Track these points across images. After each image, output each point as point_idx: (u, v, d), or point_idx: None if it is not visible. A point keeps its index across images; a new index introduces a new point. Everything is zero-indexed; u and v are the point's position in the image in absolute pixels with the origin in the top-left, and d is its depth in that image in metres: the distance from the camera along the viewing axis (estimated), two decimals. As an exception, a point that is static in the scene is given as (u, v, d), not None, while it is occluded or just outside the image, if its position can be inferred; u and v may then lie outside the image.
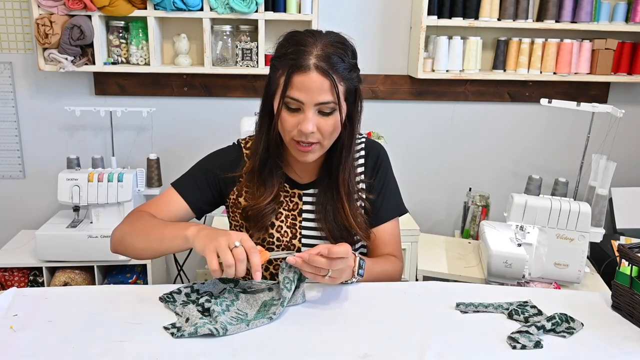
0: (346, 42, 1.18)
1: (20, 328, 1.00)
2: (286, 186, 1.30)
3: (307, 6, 2.35)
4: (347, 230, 1.27)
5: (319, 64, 1.11)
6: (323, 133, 1.16)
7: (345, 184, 1.26)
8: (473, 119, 2.72)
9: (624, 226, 2.60)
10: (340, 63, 1.13)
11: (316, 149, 1.18)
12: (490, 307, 1.12)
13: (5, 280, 2.35)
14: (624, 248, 1.15)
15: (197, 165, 1.34)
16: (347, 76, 1.15)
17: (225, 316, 1.04)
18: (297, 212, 1.30)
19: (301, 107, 1.14)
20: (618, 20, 2.49)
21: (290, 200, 1.30)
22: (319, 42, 1.13)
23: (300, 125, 1.14)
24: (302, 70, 1.11)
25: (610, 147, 2.29)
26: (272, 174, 1.27)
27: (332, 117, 1.15)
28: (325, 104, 1.13)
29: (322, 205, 1.28)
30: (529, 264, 1.88)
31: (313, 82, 1.11)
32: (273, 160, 1.26)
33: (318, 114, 1.14)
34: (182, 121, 2.62)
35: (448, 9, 2.42)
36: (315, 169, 1.31)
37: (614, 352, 1.00)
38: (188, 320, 1.02)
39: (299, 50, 1.12)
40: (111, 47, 2.43)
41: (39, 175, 2.63)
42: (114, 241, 1.25)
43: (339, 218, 1.26)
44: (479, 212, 2.58)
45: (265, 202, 1.26)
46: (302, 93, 1.12)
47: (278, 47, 1.18)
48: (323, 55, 1.11)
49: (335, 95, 1.13)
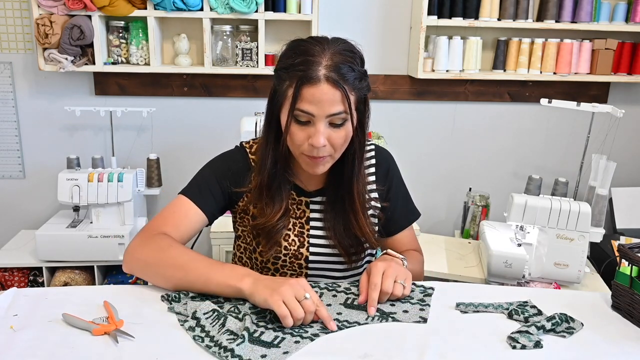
0: (354, 49, 1.14)
1: (20, 328, 1.00)
2: (293, 194, 1.27)
3: (307, 6, 2.35)
4: (357, 239, 1.26)
5: (329, 75, 1.07)
6: (334, 145, 1.13)
7: (360, 196, 1.23)
8: (473, 119, 2.72)
9: (624, 226, 2.60)
10: (350, 72, 1.09)
11: (327, 160, 1.16)
12: (490, 307, 1.12)
13: (5, 280, 2.35)
14: (624, 248, 1.15)
15: (205, 171, 1.28)
16: (357, 85, 1.12)
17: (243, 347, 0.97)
18: (304, 220, 1.27)
19: (312, 119, 1.10)
20: (618, 20, 2.49)
21: (297, 208, 1.27)
22: (327, 51, 1.09)
23: (311, 139, 1.11)
24: (312, 82, 1.07)
25: (610, 147, 2.29)
26: (280, 188, 1.23)
27: (343, 128, 1.12)
28: (337, 115, 1.09)
29: (331, 216, 1.26)
30: (529, 264, 1.88)
31: (324, 93, 1.07)
32: (281, 175, 1.22)
33: (329, 126, 1.11)
34: (182, 121, 2.62)
35: (448, 9, 2.42)
36: (322, 176, 1.27)
37: (614, 352, 1.00)
38: (199, 321, 1.02)
39: (307, 61, 1.08)
40: (111, 47, 2.43)
41: (39, 175, 2.63)
42: (133, 266, 1.16)
43: (350, 229, 1.24)
44: (479, 212, 2.58)
45: (276, 218, 1.22)
46: (312, 106, 1.08)
47: (283, 57, 1.14)
48: (332, 65, 1.08)
49: (346, 105, 1.09)
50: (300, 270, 1.28)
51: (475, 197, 2.61)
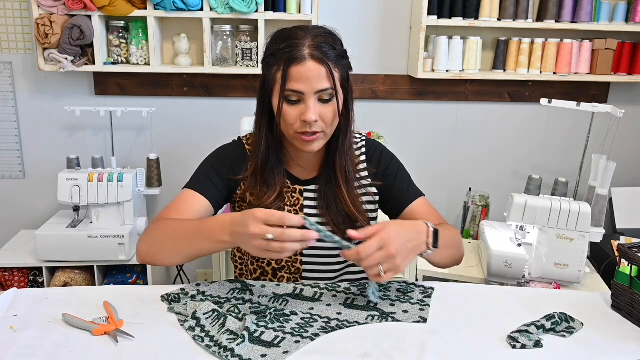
0: (333, 32, 1.23)
1: (20, 328, 1.00)
2: (287, 182, 1.32)
3: (307, 6, 2.36)
4: (349, 217, 1.28)
5: (313, 53, 1.14)
6: (325, 121, 1.19)
7: (342, 170, 1.28)
8: (473, 119, 2.72)
9: (624, 226, 2.60)
10: (332, 51, 1.17)
11: (320, 137, 1.21)
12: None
13: (5, 280, 2.35)
14: (624, 248, 1.15)
15: (206, 163, 1.34)
16: (340, 62, 1.19)
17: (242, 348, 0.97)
18: (298, 208, 1.31)
19: (302, 98, 1.16)
20: (618, 20, 2.49)
21: (291, 195, 1.31)
22: (309, 34, 1.17)
23: (303, 115, 1.16)
24: (298, 61, 1.14)
25: (610, 147, 2.29)
26: (274, 171, 1.28)
27: (332, 104, 1.19)
28: (325, 91, 1.16)
29: (324, 194, 1.30)
30: (529, 264, 1.88)
31: (310, 70, 1.14)
32: (274, 158, 1.28)
33: (318, 102, 1.17)
34: (182, 121, 2.62)
35: (448, 9, 2.42)
36: (317, 164, 1.32)
37: (614, 352, 1.00)
38: (199, 321, 1.02)
39: (292, 44, 1.15)
40: (111, 47, 2.43)
41: (39, 175, 2.63)
42: (142, 252, 1.21)
43: (340, 205, 1.28)
44: (479, 212, 2.58)
45: (270, 200, 1.27)
46: (301, 84, 1.15)
47: (269, 45, 1.22)
48: (315, 44, 1.15)
49: (332, 81, 1.16)
50: (295, 257, 1.31)
51: (475, 197, 2.61)
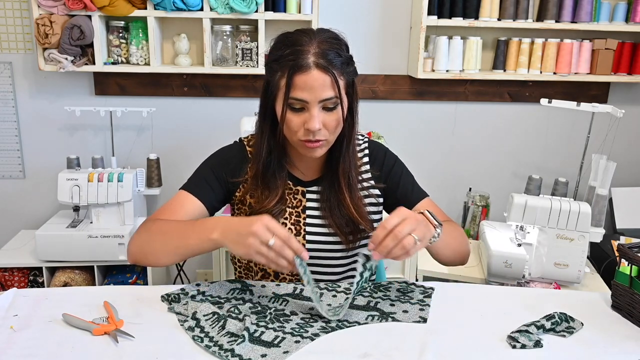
0: (339, 37, 1.21)
1: (20, 328, 1.00)
2: (289, 184, 1.31)
3: (307, 6, 2.35)
4: (352, 221, 1.28)
5: (318, 62, 1.13)
6: (329, 129, 1.18)
7: (345, 174, 1.27)
8: (473, 119, 2.72)
9: (624, 226, 2.60)
10: (337, 58, 1.15)
11: (323, 144, 1.20)
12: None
13: (5, 280, 2.35)
14: (624, 248, 1.15)
15: (205, 165, 1.34)
16: (345, 70, 1.17)
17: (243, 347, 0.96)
18: (300, 210, 1.30)
19: (305, 106, 1.15)
20: (618, 20, 2.49)
21: (293, 197, 1.31)
22: (314, 40, 1.15)
23: (306, 124, 1.16)
24: (303, 69, 1.12)
25: (610, 147, 2.29)
26: (275, 175, 1.27)
27: (335, 112, 1.17)
28: (329, 100, 1.15)
29: (327, 197, 1.29)
30: (529, 264, 1.88)
31: (315, 80, 1.13)
32: (276, 161, 1.27)
33: (322, 110, 1.16)
34: (182, 121, 2.62)
35: (448, 9, 2.42)
36: (318, 165, 1.32)
37: (614, 352, 1.00)
38: (199, 321, 1.02)
39: (297, 51, 1.13)
40: (111, 47, 2.43)
41: (39, 175, 2.63)
42: (133, 252, 1.21)
43: (343, 209, 1.28)
44: (479, 212, 2.58)
45: (271, 204, 1.26)
46: (305, 92, 1.13)
47: (273, 50, 1.20)
48: (320, 52, 1.13)
49: (336, 90, 1.15)
50: None
51: (475, 197, 2.61)
